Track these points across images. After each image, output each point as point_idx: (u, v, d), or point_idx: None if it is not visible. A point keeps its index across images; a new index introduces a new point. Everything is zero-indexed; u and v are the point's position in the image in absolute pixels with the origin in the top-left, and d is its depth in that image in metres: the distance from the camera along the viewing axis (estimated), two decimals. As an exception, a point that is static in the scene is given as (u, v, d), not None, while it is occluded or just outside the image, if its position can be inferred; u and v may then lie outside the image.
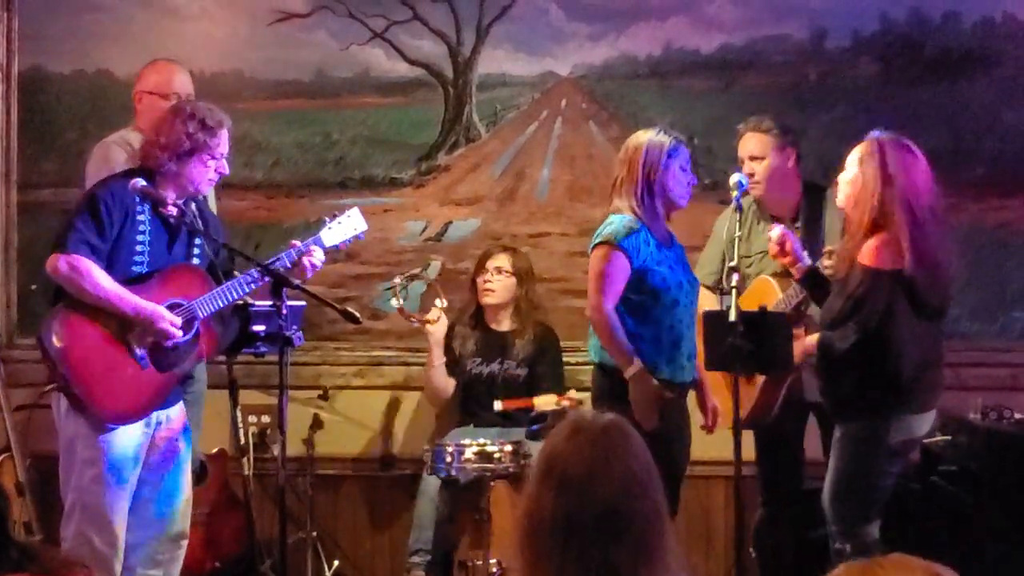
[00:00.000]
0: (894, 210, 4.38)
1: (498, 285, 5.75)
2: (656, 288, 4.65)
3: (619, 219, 4.64)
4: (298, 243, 4.61)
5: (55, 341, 4.28)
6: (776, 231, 4.73)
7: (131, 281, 4.36)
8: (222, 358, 5.09)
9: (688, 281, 4.76)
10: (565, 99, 6.20)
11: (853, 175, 4.51)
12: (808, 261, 4.74)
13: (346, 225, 4.74)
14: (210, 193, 5.05)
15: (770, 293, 4.95)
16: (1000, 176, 5.99)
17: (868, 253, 4.41)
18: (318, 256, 4.59)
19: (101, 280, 4.27)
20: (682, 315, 4.70)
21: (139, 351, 4.35)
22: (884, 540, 4.65)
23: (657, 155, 4.67)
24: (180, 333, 4.37)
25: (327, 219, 4.74)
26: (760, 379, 4.92)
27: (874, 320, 4.39)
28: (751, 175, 5.00)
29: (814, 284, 4.75)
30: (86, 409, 4.31)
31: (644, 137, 4.74)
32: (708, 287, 5.12)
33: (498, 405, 5.62)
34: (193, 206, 4.52)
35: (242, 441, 4.68)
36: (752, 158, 5.06)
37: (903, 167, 4.43)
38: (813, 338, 4.63)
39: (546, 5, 6.15)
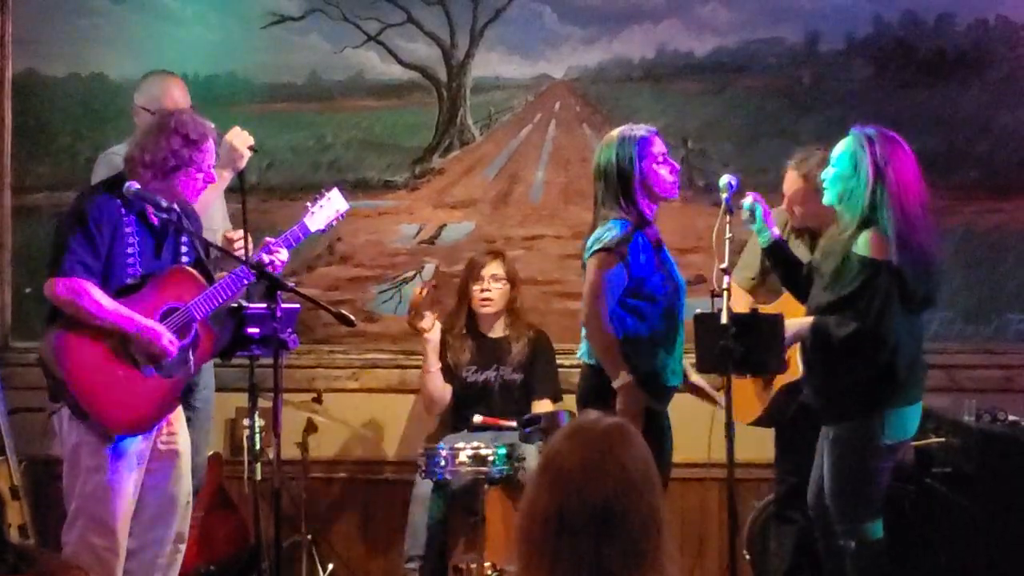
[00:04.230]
0: (884, 203, 4.41)
1: (496, 293, 5.74)
2: (654, 293, 4.63)
3: (617, 224, 4.61)
4: (270, 240, 4.62)
5: (59, 362, 4.27)
6: (748, 200, 4.76)
7: (125, 290, 4.35)
8: (242, 361, 5.09)
9: (679, 285, 4.75)
10: (559, 102, 6.21)
11: (843, 171, 4.52)
12: (777, 233, 4.79)
13: (328, 208, 4.78)
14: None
15: (799, 308, 4.96)
16: (993, 178, 5.99)
17: (865, 245, 4.43)
18: (282, 255, 4.59)
19: (101, 300, 4.27)
20: (676, 319, 4.70)
21: (142, 361, 4.35)
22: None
23: (626, 161, 4.61)
24: (176, 350, 4.37)
25: (309, 204, 4.76)
26: (778, 384, 4.96)
27: (873, 311, 4.40)
28: (790, 211, 5.10)
29: (778, 256, 4.80)
30: (97, 424, 4.31)
31: (612, 139, 4.67)
32: (746, 289, 5.23)
33: (478, 418, 5.60)
34: (175, 203, 4.48)
35: (257, 446, 4.69)
36: (791, 200, 5.10)
37: (892, 161, 4.45)
38: (805, 321, 4.61)
39: (540, 8, 6.16)
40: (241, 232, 4.87)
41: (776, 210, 5.09)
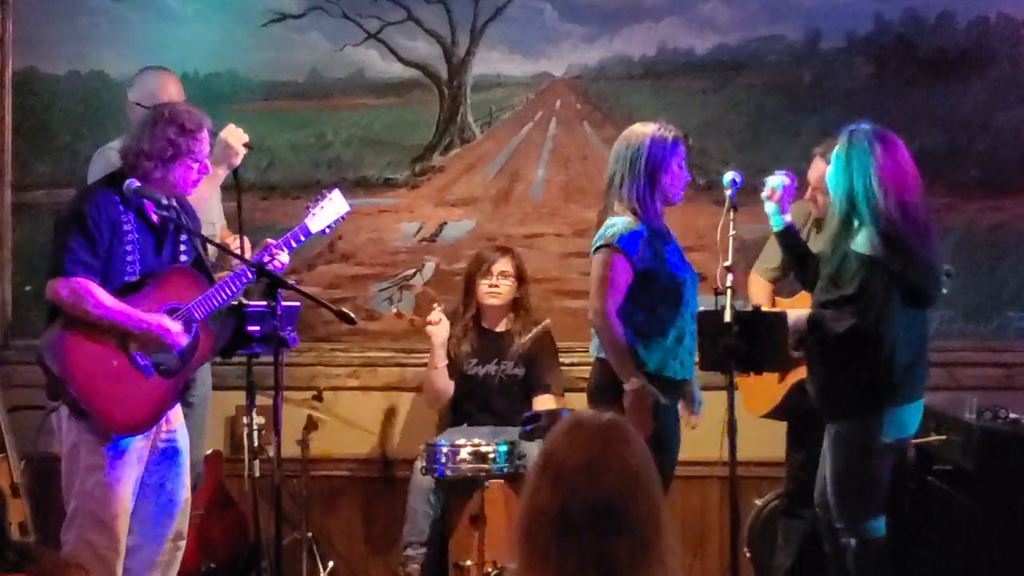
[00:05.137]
0: (867, 201, 4.42)
1: (505, 288, 5.74)
2: (663, 286, 4.62)
3: (620, 221, 4.60)
4: (271, 242, 4.62)
5: (58, 361, 4.27)
6: (775, 179, 4.78)
7: (125, 289, 4.34)
8: (243, 359, 5.09)
9: (690, 277, 4.75)
10: (560, 100, 6.20)
11: (834, 168, 4.56)
12: (789, 220, 4.81)
13: (329, 209, 4.77)
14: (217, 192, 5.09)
15: None
16: (994, 176, 5.99)
17: (864, 243, 4.44)
18: (282, 257, 4.59)
19: (104, 299, 4.26)
20: (684, 311, 4.69)
21: (142, 361, 4.34)
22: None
23: (660, 153, 4.63)
24: (185, 340, 4.37)
25: (310, 205, 4.76)
26: (794, 378, 4.97)
27: (873, 309, 4.41)
28: (813, 200, 5.08)
29: (788, 242, 4.83)
30: (98, 425, 4.30)
31: (646, 133, 4.67)
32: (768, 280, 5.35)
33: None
34: (174, 201, 4.48)
35: (255, 444, 4.69)
36: (815, 188, 5.09)
37: (880, 159, 4.46)
38: (803, 313, 4.62)
39: (540, 6, 6.15)
40: (237, 237, 4.88)
41: (798, 203, 5.10)
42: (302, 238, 4.70)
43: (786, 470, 5.38)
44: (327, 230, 4.82)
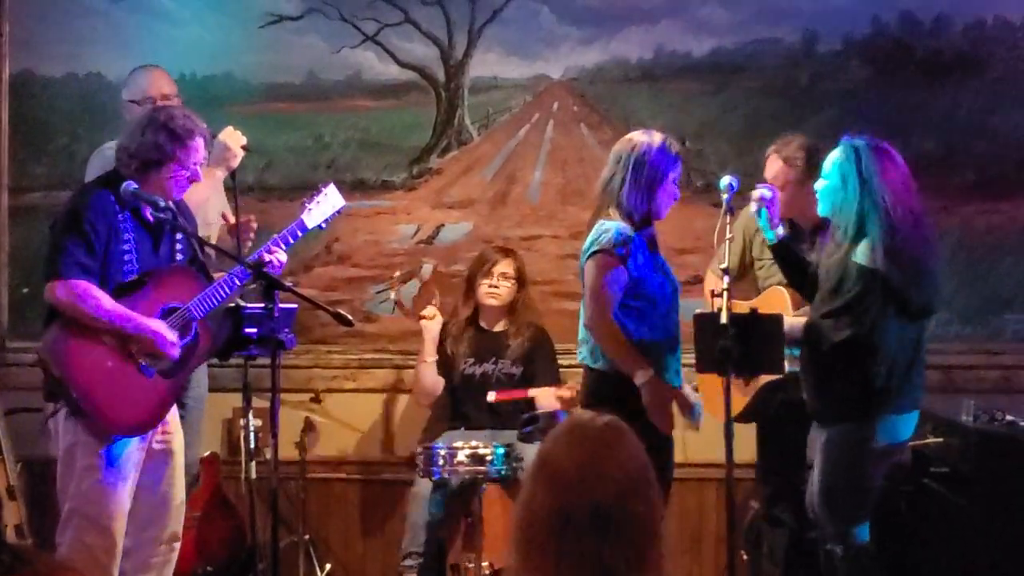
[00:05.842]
0: (872, 214, 4.41)
1: (504, 290, 5.76)
2: (654, 294, 4.60)
3: (614, 226, 4.59)
4: (276, 237, 4.62)
5: (59, 362, 4.26)
6: (757, 192, 4.78)
7: (123, 288, 4.33)
8: (238, 361, 5.08)
9: (674, 286, 4.75)
10: (557, 102, 6.20)
11: (832, 184, 4.53)
12: (782, 232, 4.80)
13: (325, 204, 4.76)
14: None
15: (781, 304, 4.95)
16: (990, 179, 6.00)
17: (864, 254, 4.43)
18: (280, 255, 4.57)
19: (102, 302, 4.25)
20: (674, 319, 4.69)
21: (143, 361, 4.33)
22: (875, 542, 4.65)
23: (663, 165, 4.60)
24: (178, 352, 4.36)
25: (306, 201, 4.75)
26: (760, 381, 4.96)
27: (869, 318, 4.40)
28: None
29: (784, 256, 4.82)
30: (97, 424, 4.29)
31: (653, 142, 4.62)
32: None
33: (491, 396, 5.59)
34: (171, 202, 4.45)
35: (252, 446, 4.70)
36: (770, 183, 5.05)
37: (880, 172, 4.45)
38: (798, 321, 4.62)
39: (537, 8, 6.16)
40: (244, 218, 4.88)
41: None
42: (299, 234, 4.70)
43: (758, 475, 5.36)
44: (323, 225, 4.82)
